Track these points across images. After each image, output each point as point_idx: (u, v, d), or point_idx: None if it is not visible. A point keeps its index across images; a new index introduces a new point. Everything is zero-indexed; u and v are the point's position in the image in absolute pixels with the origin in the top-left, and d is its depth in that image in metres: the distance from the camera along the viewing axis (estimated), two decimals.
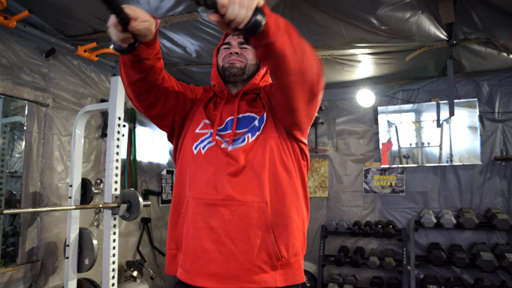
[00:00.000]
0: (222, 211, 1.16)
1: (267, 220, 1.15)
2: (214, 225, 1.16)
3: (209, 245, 1.16)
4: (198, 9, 0.83)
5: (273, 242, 1.15)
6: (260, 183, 1.17)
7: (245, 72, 1.33)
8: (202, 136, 1.26)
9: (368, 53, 3.12)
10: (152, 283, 3.52)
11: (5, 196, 2.51)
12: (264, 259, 1.15)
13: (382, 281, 3.81)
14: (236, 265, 1.13)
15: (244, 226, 1.15)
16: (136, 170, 3.42)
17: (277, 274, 1.16)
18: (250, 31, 0.84)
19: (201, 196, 1.20)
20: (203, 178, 1.21)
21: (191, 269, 1.18)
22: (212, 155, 1.22)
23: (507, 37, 2.66)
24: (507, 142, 3.64)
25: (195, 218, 1.19)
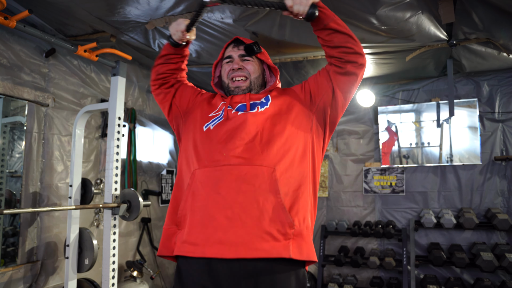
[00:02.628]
0: (230, 175, 1.16)
1: (275, 184, 1.14)
2: (221, 190, 1.15)
3: (216, 211, 1.13)
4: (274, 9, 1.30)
5: (283, 207, 1.13)
6: (268, 150, 1.19)
7: (251, 90, 1.41)
8: (214, 117, 1.34)
9: (368, 53, 3.12)
10: (152, 283, 3.52)
11: (5, 196, 2.51)
12: (275, 224, 1.11)
13: (382, 281, 3.81)
14: (244, 231, 1.10)
15: (252, 189, 1.13)
16: (136, 170, 3.43)
17: (290, 244, 1.12)
18: (308, 19, 1.28)
19: (208, 164, 1.21)
20: (211, 148, 1.24)
21: (198, 240, 1.14)
22: (221, 126, 1.27)
23: (507, 37, 2.66)
24: (507, 142, 3.64)
25: (202, 186, 1.19)
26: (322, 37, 1.33)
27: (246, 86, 1.37)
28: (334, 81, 1.31)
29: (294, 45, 2.79)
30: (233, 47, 1.43)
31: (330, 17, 1.29)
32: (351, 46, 1.30)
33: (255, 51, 1.38)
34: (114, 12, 2.29)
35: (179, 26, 1.38)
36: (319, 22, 1.28)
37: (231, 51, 1.43)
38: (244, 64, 1.39)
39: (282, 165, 1.19)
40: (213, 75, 1.51)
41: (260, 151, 1.18)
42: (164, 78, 1.50)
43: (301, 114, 1.32)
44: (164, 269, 3.88)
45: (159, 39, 2.73)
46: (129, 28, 2.54)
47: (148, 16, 2.35)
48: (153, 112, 3.79)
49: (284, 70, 3.50)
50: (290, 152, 1.23)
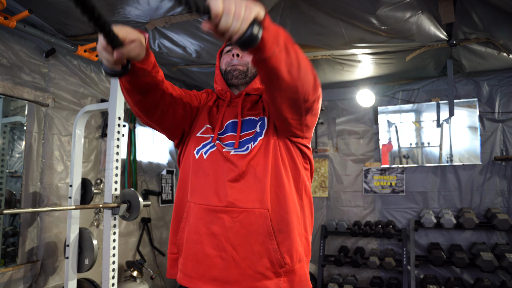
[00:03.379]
0: (224, 217, 1.15)
1: (269, 226, 1.14)
2: (215, 231, 1.15)
3: (211, 251, 1.15)
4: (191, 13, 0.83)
5: (275, 248, 1.14)
6: (261, 189, 1.16)
7: (247, 75, 1.34)
8: (204, 141, 1.26)
9: (368, 53, 3.12)
10: (152, 283, 3.52)
11: (5, 196, 2.51)
12: (267, 265, 1.13)
13: (382, 281, 3.81)
14: (238, 271, 1.12)
15: (245, 233, 1.14)
16: (136, 170, 3.42)
17: (281, 281, 1.14)
18: (244, 45, 0.79)
19: (203, 201, 1.19)
20: (204, 184, 1.20)
21: (192, 274, 1.17)
22: (214, 160, 1.21)
23: (507, 37, 2.66)
24: (507, 142, 3.64)
25: (197, 223, 1.19)
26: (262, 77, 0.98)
27: (243, 70, 1.33)
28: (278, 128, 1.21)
29: None
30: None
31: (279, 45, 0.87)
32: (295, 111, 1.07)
33: None
34: (114, 12, 2.29)
35: (102, 51, 0.85)
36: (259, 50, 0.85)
37: None
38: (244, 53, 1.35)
39: (276, 204, 1.17)
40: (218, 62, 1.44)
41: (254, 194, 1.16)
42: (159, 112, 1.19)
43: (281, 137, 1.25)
44: (164, 269, 3.88)
45: (159, 39, 2.73)
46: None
47: (148, 16, 2.35)
48: None
49: None
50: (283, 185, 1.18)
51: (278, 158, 1.20)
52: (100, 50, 0.85)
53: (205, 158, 1.22)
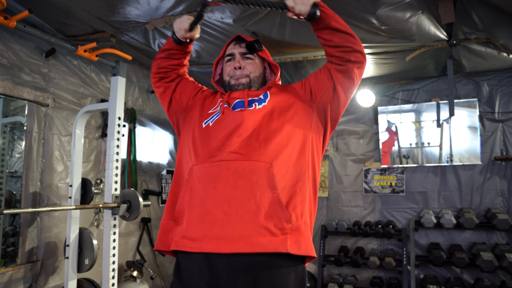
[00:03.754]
0: (227, 170, 1.17)
1: (272, 179, 1.14)
2: (218, 186, 1.16)
3: (213, 206, 1.14)
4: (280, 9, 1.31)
5: (280, 202, 1.13)
6: (265, 146, 1.20)
7: (251, 86, 1.41)
8: (213, 113, 1.34)
9: (368, 53, 3.12)
10: (152, 283, 3.52)
11: (5, 196, 2.51)
12: (272, 219, 1.12)
13: (382, 281, 3.81)
14: (241, 225, 1.11)
15: (249, 185, 1.14)
16: (136, 170, 3.42)
17: (288, 239, 1.12)
18: (310, 19, 1.27)
19: (206, 159, 1.22)
20: (209, 144, 1.24)
21: (196, 235, 1.15)
22: (220, 122, 1.28)
23: (507, 37, 2.66)
24: (507, 142, 3.64)
25: (200, 182, 1.20)
26: (322, 36, 1.32)
27: (246, 82, 1.38)
28: (335, 79, 1.32)
29: (294, 45, 2.79)
30: (234, 45, 1.45)
31: (330, 17, 1.29)
32: (352, 45, 1.29)
33: (257, 49, 1.40)
34: (114, 12, 2.29)
35: (183, 24, 1.37)
36: (320, 21, 1.28)
37: (233, 48, 1.44)
38: (245, 62, 1.40)
39: (279, 161, 1.19)
40: (214, 72, 1.52)
41: (257, 147, 1.19)
42: (165, 73, 1.50)
43: (300, 111, 1.32)
44: (164, 269, 3.88)
45: (159, 39, 2.73)
46: (129, 28, 2.54)
47: (148, 16, 2.35)
48: (153, 112, 3.79)
49: (284, 70, 3.50)
50: (288, 148, 1.23)
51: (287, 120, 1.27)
52: (182, 29, 1.37)
53: (211, 125, 1.30)
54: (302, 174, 1.24)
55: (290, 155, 1.22)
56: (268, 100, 1.32)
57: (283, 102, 1.32)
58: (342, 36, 1.29)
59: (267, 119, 1.26)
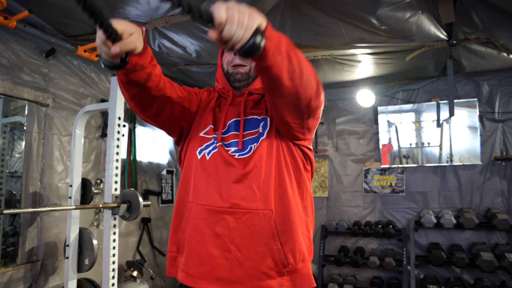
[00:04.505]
0: (227, 218, 1.15)
1: (272, 227, 1.15)
2: (219, 232, 1.16)
3: (215, 251, 1.15)
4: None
5: (279, 249, 1.15)
6: (265, 190, 1.16)
7: (249, 77, 1.33)
8: (207, 141, 1.25)
9: (368, 53, 3.12)
10: (152, 283, 3.52)
11: (5, 196, 2.51)
12: (270, 265, 1.14)
13: (382, 281, 3.81)
14: (241, 271, 1.13)
15: (249, 233, 1.14)
16: (136, 170, 3.42)
17: (284, 280, 1.15)
18: (246, 54, 0.79)
19: (206, 202, 1.19)
20: (207, 184, 1.20)
21: (196, 273, 1.17)
22: (216, 161, 1.21)
23: (507, 37, 2.66)
24: (507, 142, 3.64)
25: (200, 224, 1.19)
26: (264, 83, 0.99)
27: (245, 71, 1.34)
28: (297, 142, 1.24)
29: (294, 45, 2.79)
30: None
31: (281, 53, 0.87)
32: (306, 112, 1.06)
33: None
34: (114, 12, 2.29)
35: (100, 43, 0.86)
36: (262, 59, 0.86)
37: None
38: None
39: (279, 204, 1.17)
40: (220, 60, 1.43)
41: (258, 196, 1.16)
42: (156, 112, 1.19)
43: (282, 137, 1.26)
44: (164, 269, 3.88)
45: (159, 39, 2.73)
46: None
47: (148, 16, 2.35)
48: None
49: None
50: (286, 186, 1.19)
51: (281, 159, 1.20)
52: (99, 44, 0.85)
53: (207, 159, 1.22)
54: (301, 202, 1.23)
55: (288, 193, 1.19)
56: (266, 132, 1.21)
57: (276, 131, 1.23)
58: (288, 98, 0.98)
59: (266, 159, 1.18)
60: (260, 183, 1.17)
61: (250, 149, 1.20)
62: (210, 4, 2.11)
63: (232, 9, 0.75)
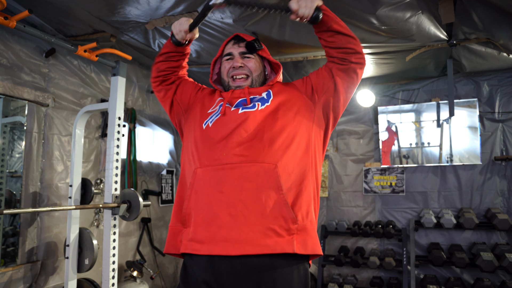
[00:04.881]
0: (232, 173, 1.16)
1: (277, 180, 1.14)
2: (223, 189, 1.16)
3: (219, 210, 1.14)
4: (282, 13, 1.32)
5: (286, 203, 1.13)
6: (270, 146, 1.19)
7: (252, 86, 1.40)
8: (212, 113, 1.34)
9: (368, 53, 3.12)
10: (152, 283, 3.52)
11: (5, 196, 2.51)
12: (278, 221, 1.12)
13: (382, 281, 3.81)
14: (247, 227, 1.11)
15: (254, 187, 1.14)
16: (136, 170, 3.42)
17: (294, 239, 1.13)
18: (312, 22, 1.32)
19: (210, 163, 1.21)
20: (212, 147, 1.23)
21: (203, 237, 1.16)
22: (220, 123, 1.26)
23: (507, 37, 2.66)
24: (507, 142, 3.64)
25: (205, 186, 1.19)
26: (324, 38, 1.36)
27: (247, 85, 1.37)
28: (336, 77, 1.33)
29: (294, 45, 2.79)
30: (233, 44, 1.42)
31: (332, 19, 1.32)
32: (353, 47, 1.33)
33: (257, 48, 1.38)
34: (114, 12, 2.29)
35: (182, 26, 1.38)
36: (322, 24, 1.32)
37: (231, 48, 1.41)
38: (245, 61, 1.39)
39: (284, 161, 1.19)
40: (212, 72, 1.51)
41: (261, 148, 1.19)
42: (165, 76, 1.50)
43: (302, 109, 1.32)
44: (164, 269, 3.88)
45: (159, 39, 2.73)
46: (129, 28, 2.54)
47: (148, 16, 2.35)
48: (153, 112, 3.79)
49: (284, 70, 3.50)
50: (292, 147, 1.23)
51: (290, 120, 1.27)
52: (182, 30, 1.38)
53: (211, 126, 1.29)
54: (306, 173, 1.24)
55: (294, 154, 1.22)
56: (271, 100, 1.32)
57: (286, 101, 1.32)
58: (343, 38, 1.33)
59: (270, 119, 1.25)
60: (264, 140, 1.20)
61: (254, 106, 1.29)
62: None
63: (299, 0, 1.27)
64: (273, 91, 1.36)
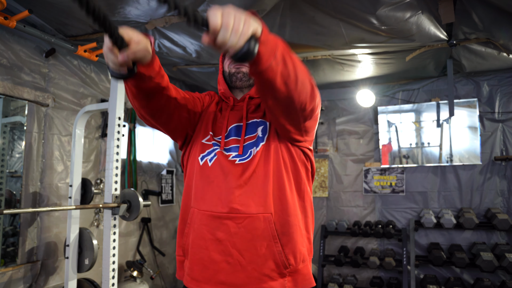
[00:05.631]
0: (228, 223, 1.17)
1: (273, 230, 1.16)
2: (220, 237, 1.17)
3: (217, 256, 1.17)
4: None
5: (280, 251, 1.16)
6: (264, 194, 1.17)
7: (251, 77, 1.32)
8: (208, 148, 1.26)
9: (368, 53, 3.12)
10: (152, 283, 3.52)
11: (5, 196, 2.51)
12: (272, 267, 1.16)
13: (382, 281, 3.81)
14: (244, 274, 1.15)
15: (250, 237, 1.16)
16: (136, 170, 3.42)
17: (286, 281, 1.17)
18: (240, 59, 0.79)
19: (207, 208, 1.20)
20: (208, 190, 1.22)
21: (200, 278, 1.19)
22: (217, 167, 1.22)
23: (507, 37, 2.66)
24: (507, 142, 3.64)
25: (202, 229, 1.20)
26: (257, 87, 0.99)
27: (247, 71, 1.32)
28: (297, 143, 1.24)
29: (294, 45, 2.79)
30: None
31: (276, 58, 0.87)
32: (293, 120, 1.08)
33: None
34: (114, 12, 2.29)
35: (107, 51, 0.86)
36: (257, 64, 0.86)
37: None
38: None
39: (279, 208, 1.18)
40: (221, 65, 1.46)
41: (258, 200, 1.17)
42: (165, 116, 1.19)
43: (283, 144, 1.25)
44: (164, 269, 3.88)
45: (159, 39, 2.73)
46: (129, 28, 2.54)
47: (148, 16, 2.35)
48: None
49: None
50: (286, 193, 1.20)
51: (280, 162, 1.21)
52: (106, 51, 0.85)
53: (209, 166, 1.23)
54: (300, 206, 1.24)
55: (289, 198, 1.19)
56: (266, 138, 1.22)
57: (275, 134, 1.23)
58: (282, 102, 0.98)
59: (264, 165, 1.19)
60: (259, 187, 1.17)
61: (250, 154, 1.21)
62: (210, 5, 2.11)
63: (227, 14, 0.75)
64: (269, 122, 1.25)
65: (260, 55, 0.83)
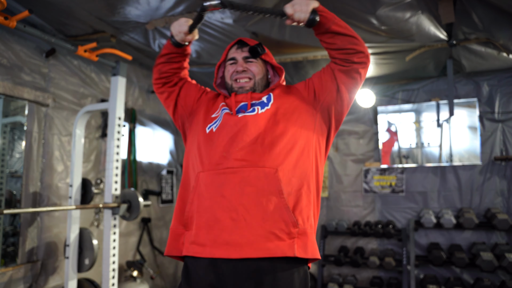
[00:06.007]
0: (233, 177, 1.18)
1: (278, 185, 1.16)
2: (225, 193, 1.17)
3: (221, 213, 1.16)
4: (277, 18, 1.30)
5: (287, 207, 1.15)
6: (270, 151, 1.20)
7: (255, 90, 1.41)
8: (215, 118, 1.35)
9: None
10: (152, 283, 3.52)
11: (5, 196, 2.51)
12: (279, 224, 1.14)
13: (382, 281, 3.81)
14: (248, 231, 1.13)
15: (255, 191, 1.16)
16: (136, 170, 3.43)
17: (295, 243, 1.15)
18: (309, 25, 1.29)
19: (212, 167, 1.23)
20: (214, 152, 1.25)
21: (205, 241, 1.18)
22: (223, 128, 1.28)
23: (507, 37, 2.66)
24: (507, 142, 3.64)
25: (207, 189, 1.21)
26: (324, 40, 1.33)
27: (250, 87, 1.38)
28: (339, 79, 1.33)
29: (294, 45, 2.79)
30: (236, 49, 1.44)
31: (331, 21, 1.29)
32: (354, 47, 1.30)
33: (260, 53, 1.39)
34: (114, 12, 2.29)
35: (181, 27, 1.37)
36: (320, 26, 1.29)
37: (235, 52, 1.43)
38: (248, 65, 1.40)
39: (285, 166, 1.20)
40: (216, 76, 1.52)
41: (262, 153, 1.20)
42: (167, 77, 1.50)
43: (304, 113, 1.32)
44: (164, 269, 3.88)
45: (159, 39, 2.73)
46: (129, 28, 2.54)
47: (148, 16, 2.35)
48: (153, 112, 3.79)
49: (284, 70, 3.51)
50: (293, 152, 1.24)
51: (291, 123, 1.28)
52: (182, 31, 1.37)
53: (214, 131, 1.30)
54: (307, 178, 1.25)
55: (295, 159, 1.23)
56: (271, 104, 1.32)
57: (287, 105, 1.32)
58: (344, 38, 1.30)
59: (271, 123, 1.26)
60: (265, 144, 1.22)
61: (254, 110, 1.30)
62: None
63: (294, 4, 1.26)
64: (274, 94, 1.36)
65: (326, 19, 1.28)
